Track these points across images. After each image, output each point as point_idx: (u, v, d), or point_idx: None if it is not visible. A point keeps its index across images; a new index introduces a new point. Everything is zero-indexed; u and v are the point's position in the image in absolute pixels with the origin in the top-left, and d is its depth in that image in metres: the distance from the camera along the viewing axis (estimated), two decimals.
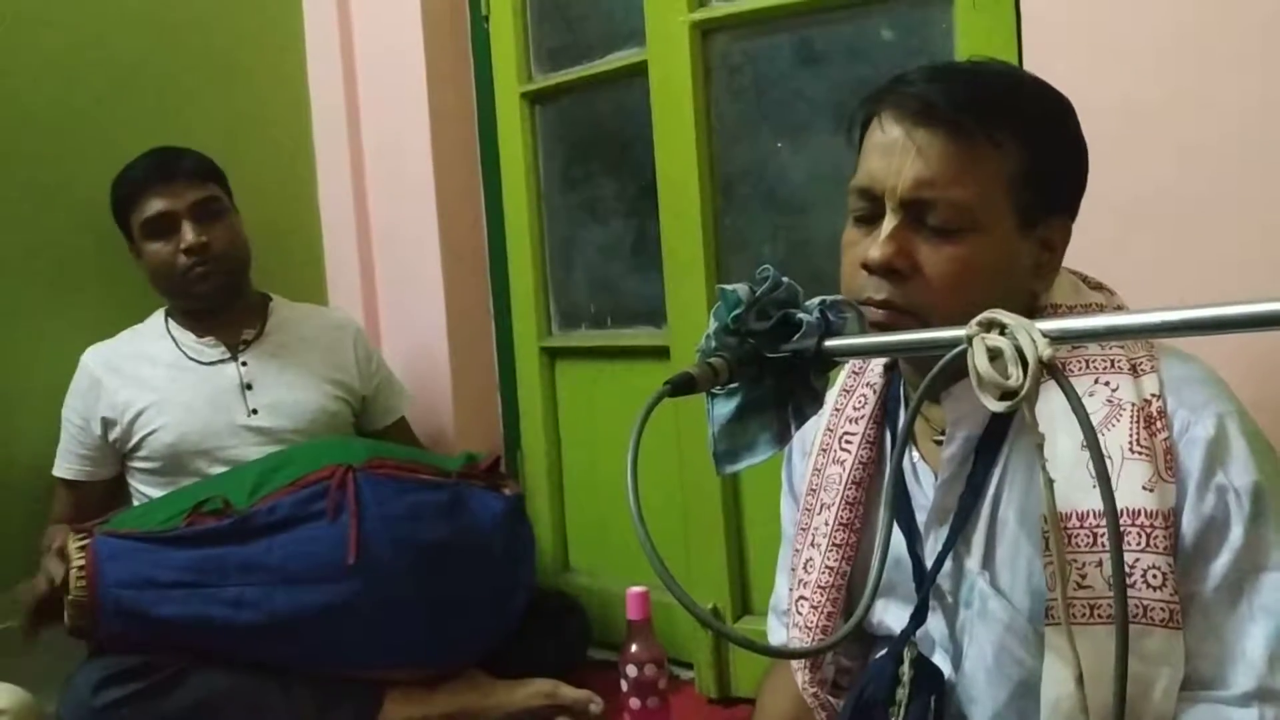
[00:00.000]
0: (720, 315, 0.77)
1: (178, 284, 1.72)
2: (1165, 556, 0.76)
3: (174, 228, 1.70)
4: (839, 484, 0.97)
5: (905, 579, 0.92)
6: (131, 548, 1.42)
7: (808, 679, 1.00)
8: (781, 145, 1.62)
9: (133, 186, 1.72)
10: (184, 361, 1.73)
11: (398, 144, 2.12)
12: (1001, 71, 0.88)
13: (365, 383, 1.87)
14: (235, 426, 1.70)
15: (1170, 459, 0.77)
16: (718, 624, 0.67)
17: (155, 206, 1.70)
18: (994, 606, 0.84)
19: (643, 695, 1.31)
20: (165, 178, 1.71)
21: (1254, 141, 1.10)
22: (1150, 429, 0.78)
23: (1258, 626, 0.74)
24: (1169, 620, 0.75)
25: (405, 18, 2.06)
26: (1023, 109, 0.84)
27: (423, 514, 1.52)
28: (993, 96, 0.83)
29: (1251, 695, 0.74)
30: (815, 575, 0.97)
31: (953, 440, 0.87)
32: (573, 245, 2.00)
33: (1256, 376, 1.09)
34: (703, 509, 1.69)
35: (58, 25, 1.88)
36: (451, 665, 1.57)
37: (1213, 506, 0.76)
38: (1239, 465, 0.76)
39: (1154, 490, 0.76)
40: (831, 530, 0.96)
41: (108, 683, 1.40)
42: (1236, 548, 0.75)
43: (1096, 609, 0.77)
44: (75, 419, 1.72)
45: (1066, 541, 0.78)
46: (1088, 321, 0.64)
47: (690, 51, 1.62)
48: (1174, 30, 1.14)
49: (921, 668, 0.88)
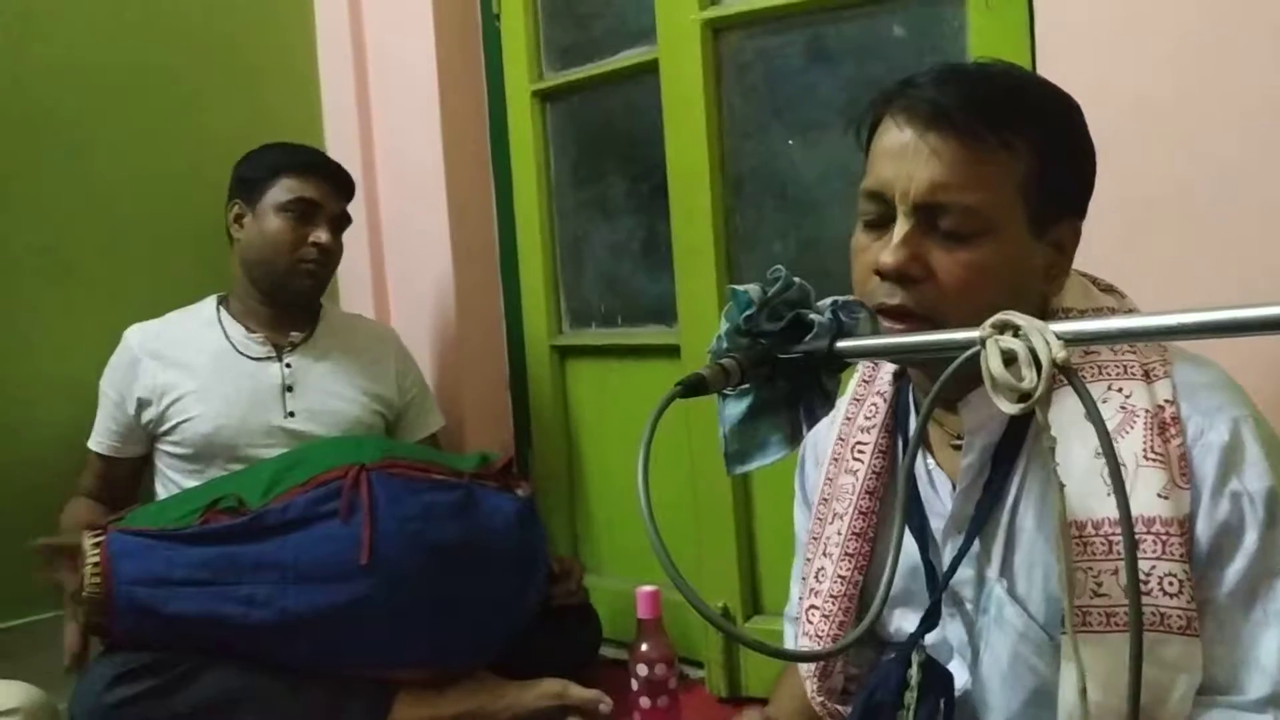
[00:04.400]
0: (732, 316, 0.77)
1: (282, 269, 1.73)
2: (1182, 564, 0.75)
3: (311, 220, 1.74)
4: (852, 493, 0.96)
5: (921, 587, 0.92)
6: (145, 545, 1.43)
7: (816, 687, 0.99)
8: (792, 143, 1.62)
9: (295, 161, 1.75)
10: (230, 353, 1.73)
11: (409, 143, 2.13)
12: (1009, 73, 0.88)
13: (401, 396, 1.88)
14: (271, 426, 1.70)
15: (1184, 465, 0.77)
16: (727, 625, 0.67)
17: (311, 191, 1.73)
18: (1010, 614, 0.84)
19: (653, 694, 1.31)
20: (330, 176, 1.77)
21: (1268, 141, 1.09)
22: (1164, 435, 0.78)
23: (1272, 632, 0.74)
24: (1186, 628, 0.75)
25: (416, 16, 2.06)
26: (1032, 111, 0.83)
27: (435, 514, 1.52)
28: (1003, 99, 0.82)
29: (1266, 701, 0.74)
30: (827, 584, 0.96)
31: (971, 449, 0.87)
32: (583, 243, 2.00)
33: (1274, 379, 1.08)
34: (714, 509, 1.69)
35: (72, 26, 1.89)
36: (462, 665, 1.58)
37: (1227, 512, 0.75)
38: (1254, 471, 0.76)
39: (1169, 498, 0.76)
40: (844, 539, 0.96)
41: (120, 680, 1.41)
42: (1251, 553, 0.75)
43: (1114, 617, 0.76)
44: (112, 393, 1.73)
45: (1082, 550, 0.78)
46: (1102, 324, 0.63)
47: (701, 49, 1.62)
48: (1187, 29, 1.13)
49: (930, 671, 0.87)
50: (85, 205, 1.87)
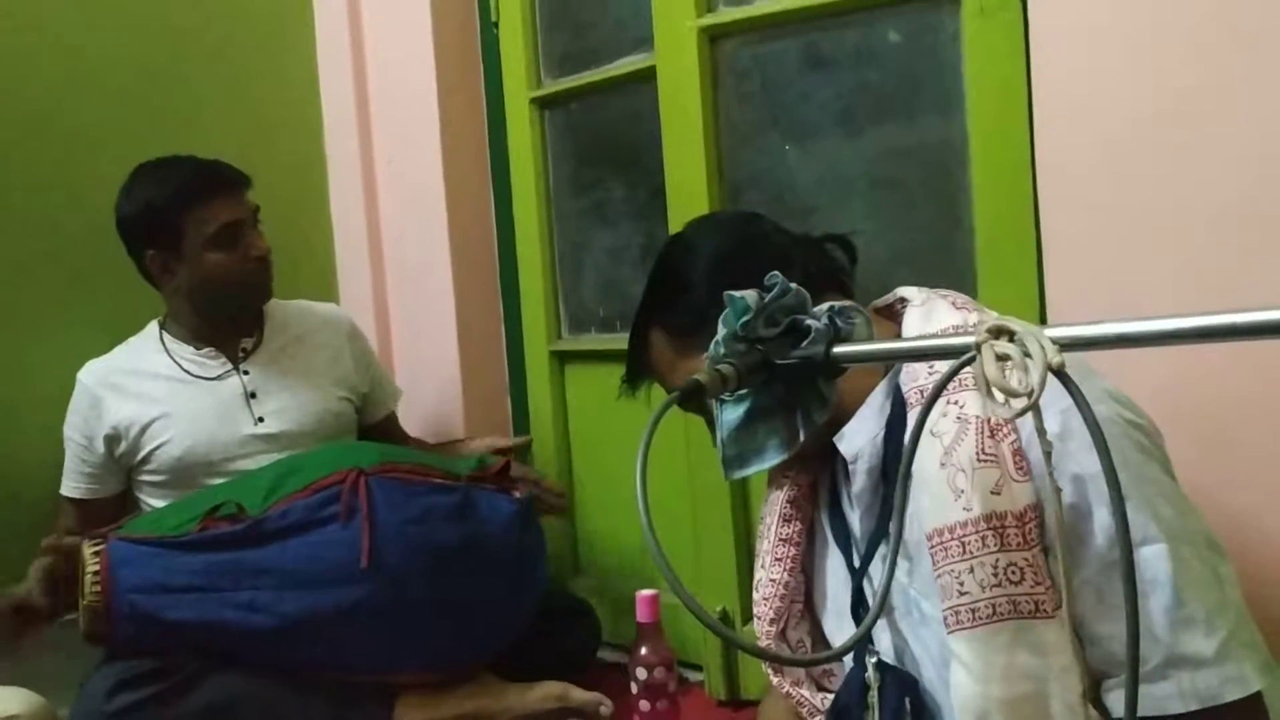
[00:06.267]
0: (729, 322, 0.77)
1: (234, 294, 1.70)
2: (1022, 552, 0.79)
3: (241, 235, 1.68)
4: (776, 504, 1.06)
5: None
6: (146, 553, 1.43)
7: (778, 679, 1.07)
8: (789, 150, 1.63)
9: (191, 198, 1.65)
10: (183, 375, 1.72)
11: (408, 150, 2.13)
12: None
13: (363, 377, 1.88)
14: (243, 436, 1.70)
15: (1020, 459, 0.80)
16: (725, 630, 0.68)
17: (224, 216, 1.66)
18: (928, 609, 0.88)
19: (652, 698, 1.32)
20: (226, 186, 1.68)
21: (1268, 144, 1.10)
22: (995, 437, 0.81)
23: (1152, 600, 0.76)
24: (1035, 611, 0.78)
25: (416, 24, 2.07)
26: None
27: (434, 516, 1.52)
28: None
29: (1164, 665, 0.76)
30: (762, 590, 1.06)
31: (856, 475, 0.94)
32: (582, 249, 2.01)
33: (1267, 382, 1.09)
34: (712, 513, 1.69)
35: (74, 30, 1.90)
36: (463, 667, 1.58)
37: (1072, 494, 0.78)
38: (1088, 453, 0.77)
39: (1001, 493, 0.80)
40: (772, 545, 1.06)
41: (121, 688, 1.41)
42: (1106, 528, 0.77)
43: (976, 612, 0.80)
44: (78, 437, 1.71)
45: (944, 554, 0.82)
46: (1098, 328, 0.64)
47: (698, 57, 1.63)
48: (1183, 37, 1.14)
49: (887, 672, 0.92)
50: (87, 209, 1.87)
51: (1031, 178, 1.28)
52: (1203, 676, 0.75)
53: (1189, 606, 0.76)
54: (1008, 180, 1.32)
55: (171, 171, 1.68)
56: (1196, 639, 0.75)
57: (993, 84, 1.33)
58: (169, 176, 1.67)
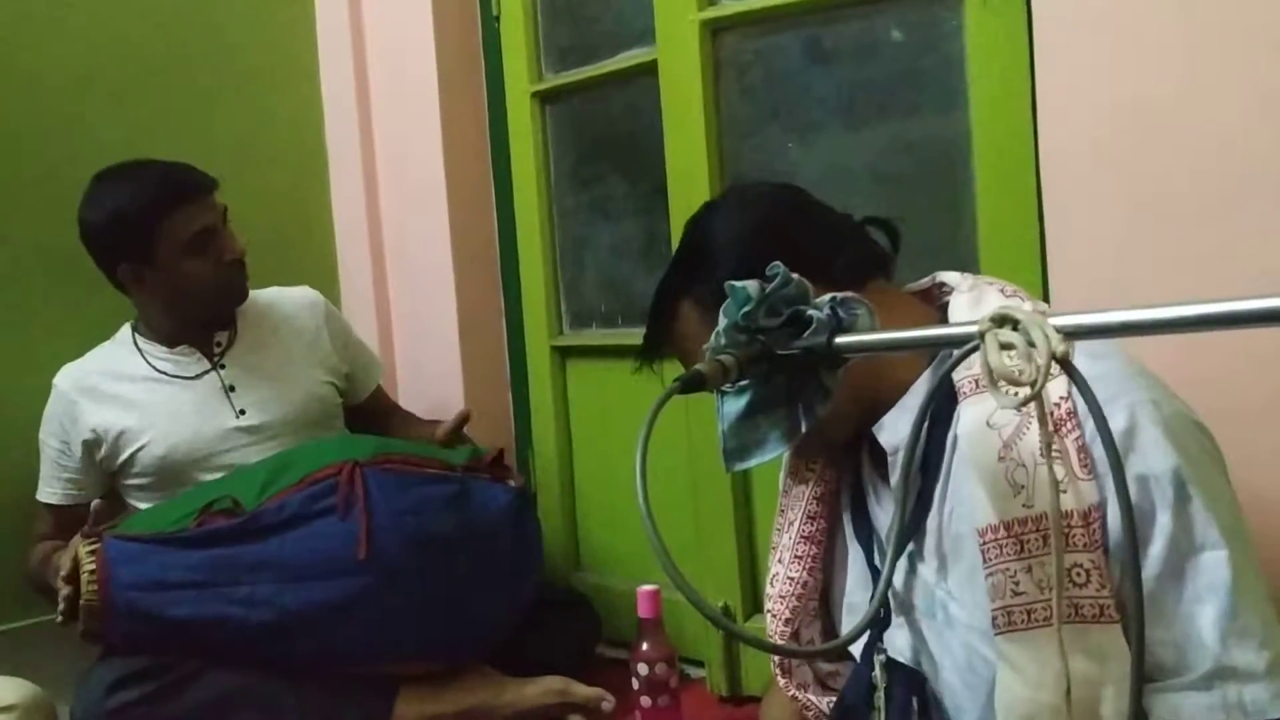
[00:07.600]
0: (730, 312, 0.76)
1: (212, 297, 1.69)
2: (1087, 553, 0.76)
3: (212, 242, 1.65)
4: (802, 500, 1.03)
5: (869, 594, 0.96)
6: (142, 550, 1.42)
7: (784, 682, 1.05)
8: (791, 143, 1.62)
9: (162, 207, 1.60)
10: (160, 376, 1.70)
11: (409, 144, 2.13)
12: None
13: (343, 356, 1.86)
14: (225, 431, 1.68)
15: (1085, 456, 0.77)
16: (727, 623, 0.67)
17: (197, 223, 1.62)
18: (955, 611, 0.86)
19: (654, 693, 1.31)
20: (195, 191, 1.64)
21: (1270, 139, 1.09)
22: (1060, 431, 0.79)
23: (1206, 607, 0.74)
24: (1100, 615, 0.75)
25: (416, 18, 2.07)
26: None
27: (430, 506, 1.52)
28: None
29: (1211, 675, 0.74)
30: (778, 587, 1.03)
31: (894, 466, 0.90)
32: (583, 244, 2.00)
33: (1269, 376, 1.08)
34: (713, 507, 1.69)
35: (74, 28, 1.90)
36: (462, 657, 1.58)
37: (1137, 496, 0.75)
38: (1156, 453, 0.75)
39: (1067, 491, 0.77)
40: (794, 543, 1.02)
41: (120, 685, 1.41)
42: (1169, 533, 0.75)
43: (1033, 613, 0.78)
44: (54, 443, 1.70)
45: (999, 552, 0.79)
46: (1102, 317, 0.63)
47: (700, 50, 1.62)
48: (1186, 27, 1.13)
49: (895, 671, 0.90)
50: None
51: (1034, 170, 1.27)
52: (1252, 690, 0.73)
53: (1244, 618, 0.73)
54: (1010, 173, 1.31)
55: (137, 180, 1.62)
56: (1249, 652, 0.73)
57: (995, 76, 1.33)
58: (136, 186, 1.61)
